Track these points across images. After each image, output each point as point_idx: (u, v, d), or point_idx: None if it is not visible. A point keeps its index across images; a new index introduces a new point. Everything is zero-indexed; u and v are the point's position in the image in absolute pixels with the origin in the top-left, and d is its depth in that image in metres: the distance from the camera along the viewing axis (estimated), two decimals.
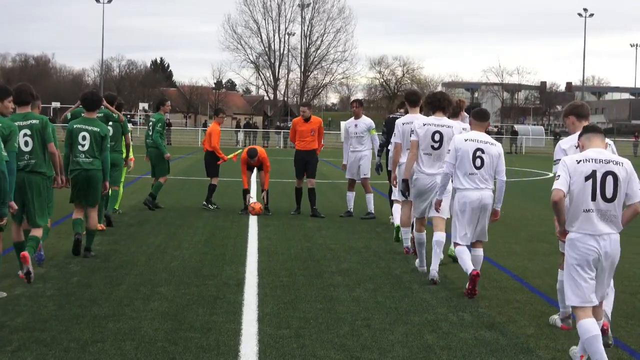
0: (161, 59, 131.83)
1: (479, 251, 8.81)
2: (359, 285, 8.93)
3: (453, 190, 8.98)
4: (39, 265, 9.36)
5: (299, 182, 15.35)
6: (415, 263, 10.01)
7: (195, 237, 12.08)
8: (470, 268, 8.39)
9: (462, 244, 8.61)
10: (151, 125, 15.65)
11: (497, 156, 8.67)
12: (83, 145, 10.15)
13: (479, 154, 8.58)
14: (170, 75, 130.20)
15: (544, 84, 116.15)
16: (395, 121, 10.95)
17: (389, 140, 13.03)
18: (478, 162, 8.59)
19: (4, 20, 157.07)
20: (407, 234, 10.79)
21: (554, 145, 11.95)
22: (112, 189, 12.87)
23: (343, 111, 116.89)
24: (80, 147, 10.16)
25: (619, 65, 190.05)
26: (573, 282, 6.07)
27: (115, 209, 14.02)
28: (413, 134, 9.73)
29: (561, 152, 7.03)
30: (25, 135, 8.73)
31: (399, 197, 10.92)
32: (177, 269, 9.55)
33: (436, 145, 9.59)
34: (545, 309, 8.01)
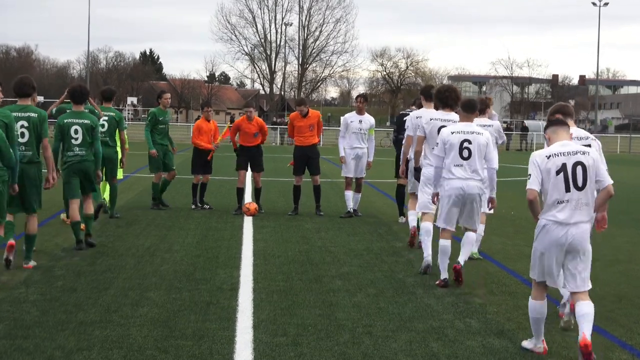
0: (151, 50, 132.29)
1: (469, 234, 9.54)
2: (360, 290, 8.94)
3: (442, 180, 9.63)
4: None
5: (298, 180, 15.37)
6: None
7: (187, 239, 12.09)
8: (442, 275, 9.20)
9: (448, 227, 9.39)
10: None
11: (485, 145, 9.31)
12: (76, 138, 10.88)
13: (465, 144, 9.26)
14: (160, 67, 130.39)
15: (555, 77, 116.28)
16: (406, 116, 11.89)
17: (398, 137, 14.28)
18: (465, 153, 9.28)
19: None
20: (413, 214, 11.71)
21: None
22: (110, 184, 13.85)
23: (343, 106, 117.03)
24: (73, 141, 10.86)
25: (636, 57, 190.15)
26: (539, 265, 6.79)
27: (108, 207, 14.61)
28: (419, 129, 10.67)
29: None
30: (22, 127, 9.46)
31: (412, 189, 11.80)
32: (168, 273, 9.55)
33: None
34: (556, 315, 8.01)
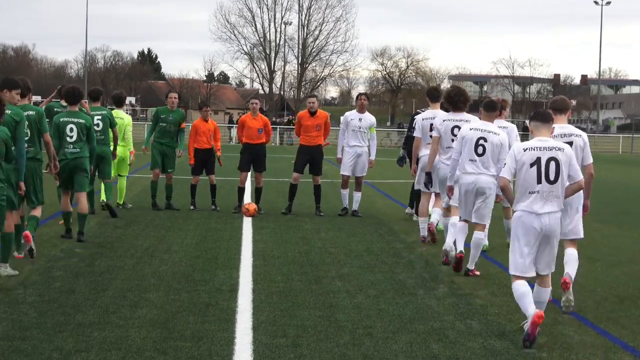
0: (149, 49, 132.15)
1: (478, 234, 10.06)
2: (360, 291, 8.95)
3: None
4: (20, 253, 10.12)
5: (296, 178, 15.38)
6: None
7: (185, 240, 12.10)
8: (458, 248, 10.08)
9: (466, 219, 10.16)
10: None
11: (499, 145, 9.91)
12: (71, 136, 11.59)
13: (481, 142, 9.90)
14: (158, 67, 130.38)
15: (557, 76, 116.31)
16: (416, 117, 12.57)
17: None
18: (480, 150, 9.90)
19: None
20: (424, 223, 12.19)
21: None
22: (105, 182, 14.44)
23: (343, 105, 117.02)
24: (68, 139, 11.59)
25: (638, 56, 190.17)
26: (515, 255, 7.36)
27: (119, 204, 15.43)
28: (434, 130, 11.24)
29: None
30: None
31: (421, 187, 12.20)
32: (167, 274, 9.56)
33: (455, 138, 10.58)
34: (558, 316, 8.03)
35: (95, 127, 12.98)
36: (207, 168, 15.72)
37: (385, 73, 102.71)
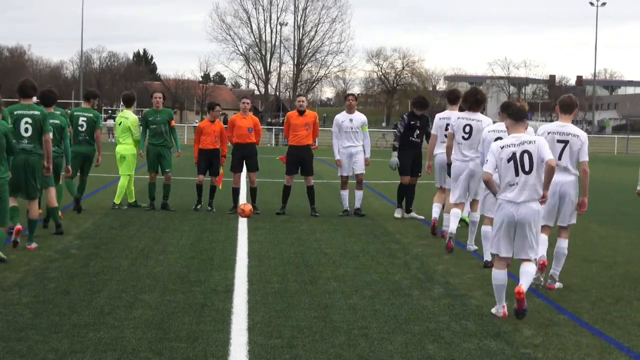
0: (144, 50, 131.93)
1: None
2: (355, 292, 8.96)
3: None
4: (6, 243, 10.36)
5: (289, 180, 15.42)
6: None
7: (181, 241, 12.10)
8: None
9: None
10: None
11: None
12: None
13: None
14: (154, 67, 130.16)
15: (553, 77, 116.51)
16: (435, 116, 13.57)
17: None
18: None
19: None
20: (448, 220, 12.16)
21: None
22: (82, 178, 14.98)
23: (339, 106, 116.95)
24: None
25: (634, 57, 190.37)
26: (495, 237, 8.12)
27: (115, 203, 15.64)
28: (450, 127, 12.14)
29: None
30: (26, 123, 10.98)
31: (443, 185, 13.20)
32: (162, 275, 9.56)
33: (466, 135, 11.70)
34: (553, 317, 8.05)
35: (79, 128, 14.65)
36: (211, 170, 15.76)
37: (380, 74, 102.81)
